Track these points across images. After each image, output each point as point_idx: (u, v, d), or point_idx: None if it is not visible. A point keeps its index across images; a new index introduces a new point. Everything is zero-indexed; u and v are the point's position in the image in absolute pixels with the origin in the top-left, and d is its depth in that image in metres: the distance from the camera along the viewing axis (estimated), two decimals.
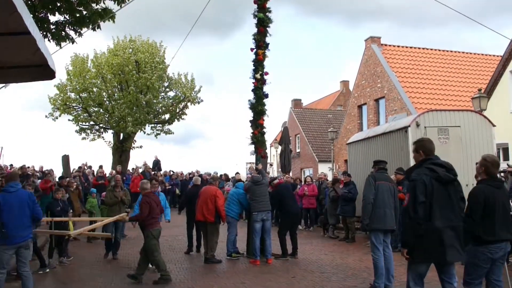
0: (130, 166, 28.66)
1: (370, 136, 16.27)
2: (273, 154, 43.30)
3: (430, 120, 13.71)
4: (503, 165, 17.24)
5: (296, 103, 48.39)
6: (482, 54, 29.87)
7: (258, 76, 12.54)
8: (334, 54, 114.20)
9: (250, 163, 27.62)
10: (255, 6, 12.66)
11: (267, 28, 12.63)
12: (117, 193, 12.36)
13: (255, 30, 12.66)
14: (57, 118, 29.13)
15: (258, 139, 12.62)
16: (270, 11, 12.69)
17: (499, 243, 5.41)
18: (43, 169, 22.57)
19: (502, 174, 10.85)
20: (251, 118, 12.68)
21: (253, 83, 12.62)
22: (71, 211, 12.17)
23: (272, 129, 46.12)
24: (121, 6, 10.56)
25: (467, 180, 13.38)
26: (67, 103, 29.07)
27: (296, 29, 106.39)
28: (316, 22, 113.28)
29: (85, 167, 24.35)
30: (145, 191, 9.60)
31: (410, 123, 13.60)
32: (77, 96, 29.11)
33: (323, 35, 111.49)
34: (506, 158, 19.73)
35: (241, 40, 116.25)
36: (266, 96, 12.64)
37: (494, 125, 14.13)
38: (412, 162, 13.19)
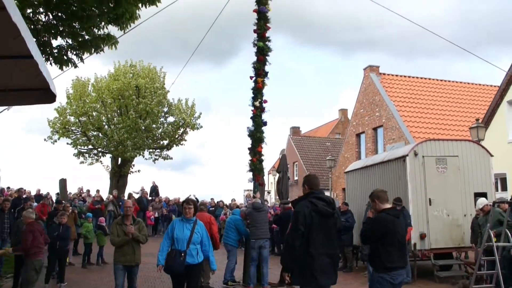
0: (127, 191, 28.57)
1: (368, 165, 16.27)
2: (271, 181, 43.25)
3: (428, 149, 13.74)
4: (501, 195, 17.24)
5: (295, 130, 48.51)
6: (479, 84, 30.11)
7: (257, 103, 12.62)
8: (331, 82, 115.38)
9: (248, 190, 27.54)
10: (255, 35, 12.82)
11: (267, 57, 12.76)
12: (127, 227, 8.38)
13: (252, 57, 12.81)
14: (55, 141, 29.11)
15: (256, 167, 12.63)
16: (269, 40, 12.84)
17: (399, 270, 5.98)
18: (40, 192, 22.50)
19: (501, 205, 10.82)
20: (250, 146, 12.70)
21: (252, 110, 12.69)
22: None
23: (270, 157, 46.25)
24: (124, 32, 10.65)
25: (465, 210, 13.40)
26: (66, 126, 29.09)
27: (292, 58, 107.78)
28: (311, 52, 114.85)
29: (82, 191, 24.30)
30: (29, 220, 9.34)
31: (408, 152, 13.62)
32: (77, 120, 29.13)
33: (319, 64, 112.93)
34: (504, 188, 19.73)
35: (238, 67, 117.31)
36: (265, 123, 12.70)
37: (492, 155, 14.16)
38: (411, 192, 13.25)
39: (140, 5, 10.42)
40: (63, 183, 21.07)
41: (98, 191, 23.37)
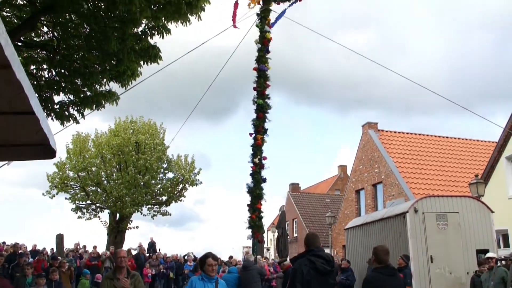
0: (125, 248, 28.17)
1: (368, 222, 16.16)
2: (270, 238, 42.78)
3: (428, 206, 13.68)
4: (504, 252, 17.04)
5: (294, 187, 48.39)
6: (477, 140, 30.32)
7: (256, 160, 12.67)
8: (329, 139, 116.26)
9: (247, 247, 27.22)
10: (255, 92, 13.03)
11: (266, 114, 12.91)
12: (120, 282, 6.89)
13: (250, 114, 12.97)
14: (54, 196, 28.98)
15: (255, 224, 12.56)
16: (269, 98, 13.04)
17: None
18: (36, 248, 22.20)
19: (503, 262, 10.68)
20: (249, 202, 12.66)
21: (251, 167, 12.73)
22: None
23: (269, 213, 45.99)
24: (125, 88, 10.81)
25: (468, 267, 13.19)
26: (65, 181, 29.02)
27: (289, 114, 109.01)
28: (308, 110, 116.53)
29: (79, 247, 23.98)
30: None
31: (408, 209, 13.56)
32: (76, 175, 29.09)
33: (317, 121, 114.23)
34: (506, 245, 19.50)
35: (236, 124, 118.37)
36: (264, 180, 12.71)
37: (492, 211, 14.09)
38: (412, 249, 13.10)
39: (141, 62, 10.63)
40: (59, 238, 20.85)
41: (95, 247, 23.06)
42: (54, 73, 10.65)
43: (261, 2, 13.75)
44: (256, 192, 12.50)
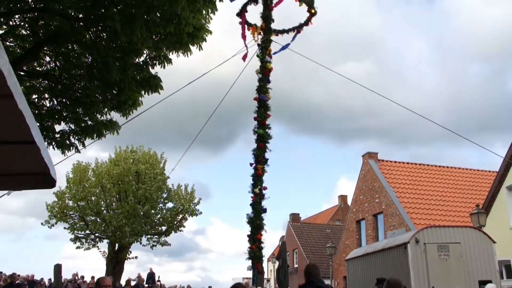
0: (124, 278, 27.90)
1: (369, 252, 16.03)
2: (270, 269, 42.34)
3: (429, 236, 13.59)
4: (507, 283, 16.86)
5: (294, 217, 48.10)
6: (477, 170, 30.30)
7: (257, 190, 12.61)
8: (329, 169, 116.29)
9: (247, 278, 26.94)
10: (255, 122, 13.04)
11: (267, 144, 12.91)
12: None
13: (249, 144, 12.97)
14: (53, 225, 28.80)
15: (255, 254, 12.42)
16: (269, 128, 13.05)
17: None
18: (34, 278, 21.98)
19: None
20: (249, 233, 12.56)
21: (251, 197, 12.66)
22: None
23: (269, 243, 45.57)
24: (126, 118, 10.84)
25: None
26: (65, 210, 28.90)
27: (288, 145, 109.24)
28: (307, 140, 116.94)
29: (77, 278, 23.74)
30: None
31: (409, 239, 13.46)
32: (75, 204, 29.00)
33: (316, 152, 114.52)
34: (509, 275, 19.29)
35: (236, 154, 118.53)
36: (265, 211, 12.61)
37: (494, 242, 13.99)
38: (414, 280, 12.98)
39: (143, 92, 10.68)
40: (57, 268, 20.65)
41: (93, 277, 22.88)
42: (55, 102, 10.71)
43: (261, 33, 13.90)
44: (256, 223, 12.40)
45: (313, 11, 12.79)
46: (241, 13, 12.79)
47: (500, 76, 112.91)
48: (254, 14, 13.98)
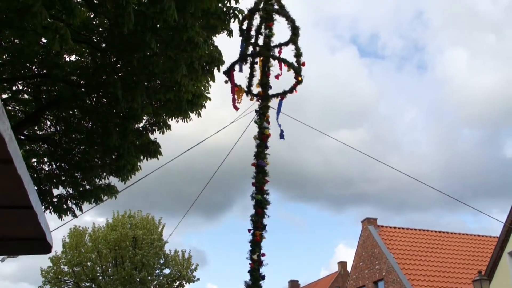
0: None
1: None
2: None
3: None
4: None
5: (293, 284, 47.26)
6: (477, 235, 29.99)
7: (255, 257, 12.41)
8: (326, 235, 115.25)
9: None
10: (253, 188, 13.00)
11: (265, 210, 12.81)
12: None
13: (247, 210, 12.91)
14: None
15: None
16: (268, 193, 12.98)
17: None
18: None
19: None
20: None
21: (249, 264, 12.45)
22: None
23: None
24: (125, 182, 10.85)
25: None
26: (59, 276, 28.39)
27: (285, 211, 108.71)
28: (303, 207, 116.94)
29: None
30: None
31: None
32: (70, 270, 28.51)
33: (313, 218, 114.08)
34: None
35: (232, 220, 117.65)
36: (263, 278, 12.37)
37: None
38: None
39: (141, 157, 10.74)
40: None
41: None
42: (54, 166, 10.76)
43: (259, 100, 14.07)
44: None
45: (300, 78, 12.96)
46: (229, 71, 12.97)
47: (494, 141, 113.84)
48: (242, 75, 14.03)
